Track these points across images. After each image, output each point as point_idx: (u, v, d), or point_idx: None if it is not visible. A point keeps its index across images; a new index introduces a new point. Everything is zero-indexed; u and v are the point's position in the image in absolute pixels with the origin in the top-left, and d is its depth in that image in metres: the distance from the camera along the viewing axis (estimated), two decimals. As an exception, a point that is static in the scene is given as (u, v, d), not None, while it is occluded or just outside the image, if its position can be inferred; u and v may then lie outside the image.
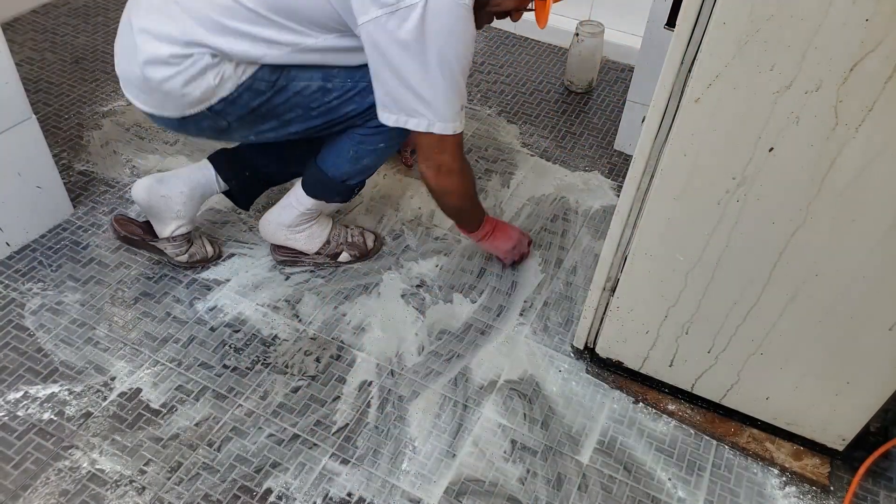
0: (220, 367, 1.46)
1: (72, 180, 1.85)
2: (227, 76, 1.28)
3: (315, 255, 1.67)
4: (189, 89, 1.28)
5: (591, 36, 2.22)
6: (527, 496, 1.29)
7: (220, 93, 1.30)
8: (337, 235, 1.67)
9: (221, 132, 1.40)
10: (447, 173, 1.39)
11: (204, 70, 1.27)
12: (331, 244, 1.66)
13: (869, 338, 1.14)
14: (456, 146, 1.36)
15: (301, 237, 1.63)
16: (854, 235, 1.04)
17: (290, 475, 1.30)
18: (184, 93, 1.28)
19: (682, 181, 1.11)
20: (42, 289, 1.58)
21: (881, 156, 0.95)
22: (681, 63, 1.01)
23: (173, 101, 1.31)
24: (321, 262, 1.68)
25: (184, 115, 1.34)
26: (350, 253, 1.68)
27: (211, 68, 1.27)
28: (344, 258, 1.68)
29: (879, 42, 0.86)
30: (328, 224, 1.67)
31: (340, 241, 1.67)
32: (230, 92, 1.30)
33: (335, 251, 1.67)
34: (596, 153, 2.10)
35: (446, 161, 1.37)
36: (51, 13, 2.55)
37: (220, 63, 1.27)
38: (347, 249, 1.68)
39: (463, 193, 1.46)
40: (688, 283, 1.23)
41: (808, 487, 1.33)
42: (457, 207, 1.50)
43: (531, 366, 1.51)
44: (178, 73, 1.27)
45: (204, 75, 1.27)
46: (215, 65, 1.27)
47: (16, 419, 1.35)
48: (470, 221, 1.57)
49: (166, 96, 1.30)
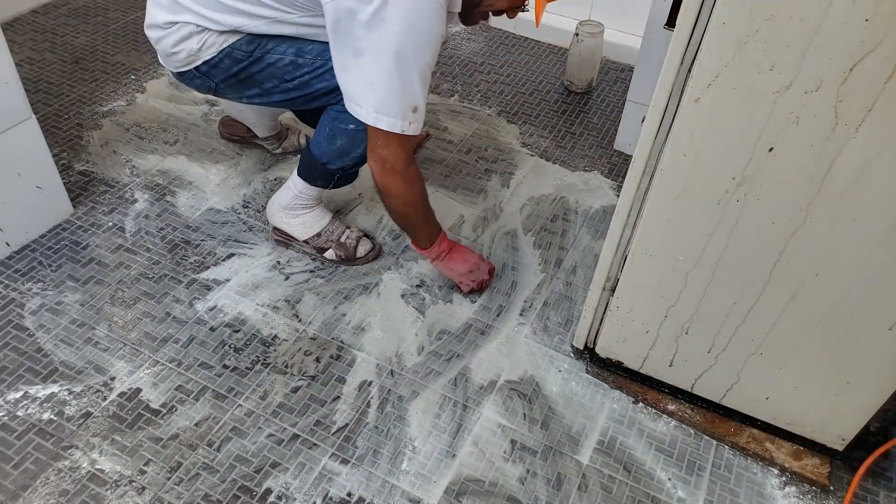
0: (220, 367, 1.46)
1: (72, 180, 1.85)
2: (209, 43, 1.44)
3: (303, 243, 1.70)
4: (176, 49, 1.46)
5: (591, 36, 2.22)
6: (527, 496, 1.29)
7: (203, 56, 1.46)
8: (330, 232, 1.69)
9: (212, 91, 1.56)
10: (391, 172, 1.37)
11: (189, 35, 1.43)
12: (321, 237, 1.68)
13: (869, 338, 1.14)
14: (400, 146, 1.35)
15: (295, 223, 1.67)
16: (854, 235, 1.04)
17: (289, 475, 1.30)
18: (173, 52, 1.47)
19: (682, 181, 1.11)
20: (42, 289, 1.58)
21: (881, 156, 0.95)
22: (681, 63, 1.01)
23: (166, 58, 1.51)
24: (309, 252, 1.70)
25: (179, 71, 1.52)
26: (336, 253, 1.68)
27: (195, 34, 1.43)
28: (329, 255, 1.69)
29: (879, 42, 0.86)
30: (325, 217, 1.69)
31: (331, 238, 1.68)
32: (211, 56, 1.46)
33: (323, 246, 1.68)
34: (596, 153, 2.10)
35: (390, 159, 1.36)
36: (51, 13, 2.55)
37: (203, 31, 1.43)
38: (335, 248, 1.68)
39: (408, 200, 1.43)
40: (688, 283, 1.23)
41: (808, 487, 1.33)
42: (401, 213, 1.47)
43: (531, 366, 1.51)
44: (168, 35, 1.45)
45: (188, 40, 1.44)
46: (199, 31, 1.43)
47: (16, 419, 1.35)
48: (418, 235, 1.53)
49: (162, 52, 1.50)
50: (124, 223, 1.76)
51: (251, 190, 1.88)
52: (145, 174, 1.90)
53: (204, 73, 1.49)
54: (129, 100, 2.16)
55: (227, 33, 1.43)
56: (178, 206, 1.82)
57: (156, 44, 1.49)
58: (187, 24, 1.42)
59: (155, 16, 1.46)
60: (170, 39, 1.45)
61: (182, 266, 1.66)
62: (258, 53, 1.44)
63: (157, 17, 1.45)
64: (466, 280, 1.60)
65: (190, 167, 1.94)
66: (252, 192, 1.87)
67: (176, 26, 1.43)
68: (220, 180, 1.90)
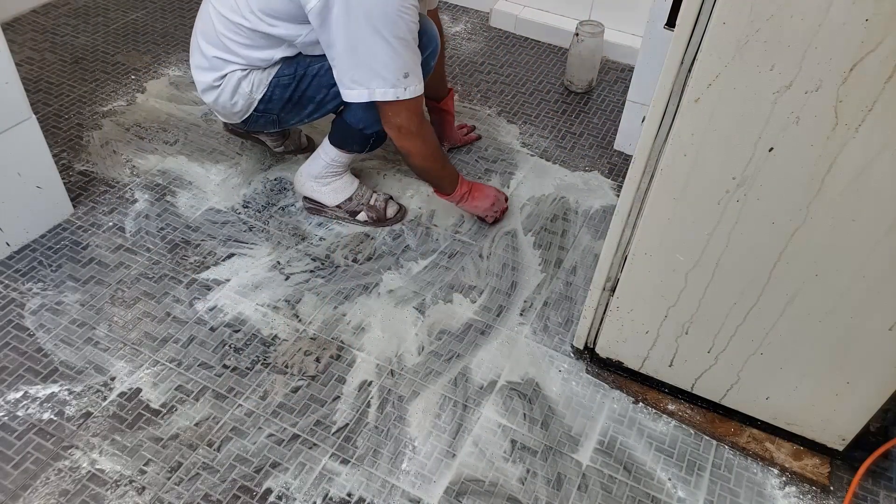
0: (220, 367, 1.46)
1: (72, 180, 1.86)
2: (257, 81, 1.57)
3: (335, 209, 1.79)
4: (234, 101, 1.59)
5: (591, 36, 2.22)
6: (527, 496, 1.29)
7: (257, 95, 1.58)
8: (360, 196, 1.79)
9: (277, 123, 1.68)
10: (406, 135, 1.52)
11: (238, 83, 1.56)
12: (353, 201, 1.78)
13: (869, 338, 1.14)
14: (408, 110, 1.48)
15: (326, 189, 1.77)
16: (854, 235, 1.04)
17: (289, 475, 1.30)
18: (232, 104, 1.59)
19: (682, 181, 1.11)
20: (42, 289, 1.58)
21: (881, 156, 0.95)
22: (681, 63, 1.01)
23: (228, 113, 1.64)
24: (341, 217, 1.80)
25: (243, 120, 1.65)
26: (368, 215, 1.79)
27: (243, 79, 1.56)
28: (361, 217, 1.79)
29: (879, 42, 0.86)
30: (354, 183, 1.80)
31: (362, 202, 1.79)
32: (264, 93, 1.58)
33: (355, 209, 1.79)
34: (596, 153, 2.10)
35: (403, 123, 1.50)
36: (51, 13, 2.55)
37: (248, 72, 1.56)
38: (367, 211, 1.79)
39: (426, 154, 1.58)
40: (688, 283, 1.23)
41: (808, 487, 1.33)
42: (422, 168, 1.62)
43: (531, 366, 1.51)
44: (222, 91, 1.58)
45: (240, 87, 1.57)
46: (245, 75, 1.56)
47: (16, 419, 1.35)
48: (441, 183, 1.68)
49: (223, 111, 1.63)
50: (124, 223, 1.76)
51: (251, 190, 1.88)
52: (145, 174, 1.90)
53: (264, 111, 1.62)
54: (129, 100, 2.16)
55: (269, 67, 1.56)
56: (179, 206, 1.82)
57: (214, 105, 1.62)
58: (234, 72, 1.55)
59: (204, 80, 1.59)
60: (225, 94, 1.58)
61: (182, 266, 1.66)
62: (300, 71, 1.56)
63: (206, 80, 1.59)
64: (490, 213, 1.76)
65: (190, 167, 1.94)
66: (252, 192, 1.87)
67: (225, 79, 1.56)
68: (220, 180, 1.90)
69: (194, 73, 1.62)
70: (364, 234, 1.79)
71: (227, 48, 1.53)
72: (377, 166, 1.99)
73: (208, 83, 1.59)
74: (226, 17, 1.51)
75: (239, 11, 1.49)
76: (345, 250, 1.74)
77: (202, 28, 1.58)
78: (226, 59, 1.55)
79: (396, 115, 1.49)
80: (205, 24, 1.57)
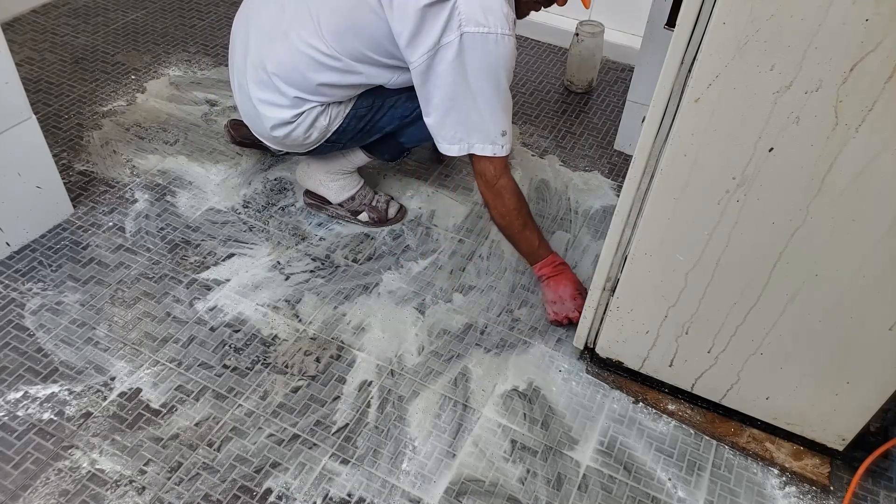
0: (220, 367, 1.46)
1: (72, 180, 1.86)
2: (334, 115, 1.56)
3: (338, 207, 1.79)
4: (309, 133, 1.56)
5: (591, 36, 2.22)
6: (527, 496, 1.29)
7: (333, 128, 1.58)
8: (363, 195, 1.79)
9: (339, 147, 1.67)
10: (485, 184, 1.51)
11: (316, 118, 1.54)
12: (355, 200, 1.78)
13: (869, 338, 1.14)
14: (491, 163, 1.48)
15: (333, 185, 1.76)
16: (854, 235, 1.04)
17: (290, 475, 1.30)
18: (306, 137, 1.57)
19: (682, 181, 1.11)
20: (42, 289, 1.58)
21: (881, 156, 0.95)
22: (681, 63, 1.01)
23: (298, 145, 1.61)
24: (342, 215, 1.80)
25: (308, 151, 1.64)
26: (370, 215, 1.79)
27: (321, 115, 1.54)
28: (362, 217, 1.79)
29: (879, 42, 0.86)
30: (359, 182, 1.80)
31: (364, 202, 1.79)
32: (340, 124, 1.58)
33: (357, 209, 1.79)
34: (596, 153, 2.10)
35: (486, 173, 1.49)
36: (51, 13, 2.55)
37: (326, 108, 1.54)
38: (368, 211, 1.79)
39: (502, 212, 1.52)
40: (688, 283, 1.23)
41: (808, 487, 1.33)
42: (498, 224, 1.56)
43: (531, 366, 1.51)
44: (298, 126, 1.54)
45: (317, 121, 1.55)
46: (324, 111, 1.54)
47: (16, 419, 1.35)
48: (518, 248, 1.59)
49: (293, 143, 1.60)
50: (124, 223, 1.76)
51: (251, 190, 1.88)
52: (145, 174, 1.90)
53: (334, 141, 1.61)
54: (129, 100, 2.16)
55: (345, 101, 1.56)
56: (179, 206, 1.82)
57: (284, 139, 1.57)
58: (313, 109, 1.52)
59: (278, 116, 1.53)
60: (300, 129, 1.54)
61: (182, 266, 1.66)
62: (378, 102, 1.57)
63: (281, 117, 1.53)
64: (551, 310, 1.57)
65: (190, 167, 1.94)
66: (252, 192, 1.87)
67: (303, 115, 1.53)
68: (220, 180, 1.90)
69: (262, 108, 1.53)
70: (364, 234, 1.79)
71: (316, 90, 1.49)
72: (377, 166, 1.99)
73: (284, 119, 1.53)
74: (316, 59, 1.45)
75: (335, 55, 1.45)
76: (345, 250, 1.74)
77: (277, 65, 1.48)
78: (307, 99, 1.51)
79: (485, 168, 1.49)
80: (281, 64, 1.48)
